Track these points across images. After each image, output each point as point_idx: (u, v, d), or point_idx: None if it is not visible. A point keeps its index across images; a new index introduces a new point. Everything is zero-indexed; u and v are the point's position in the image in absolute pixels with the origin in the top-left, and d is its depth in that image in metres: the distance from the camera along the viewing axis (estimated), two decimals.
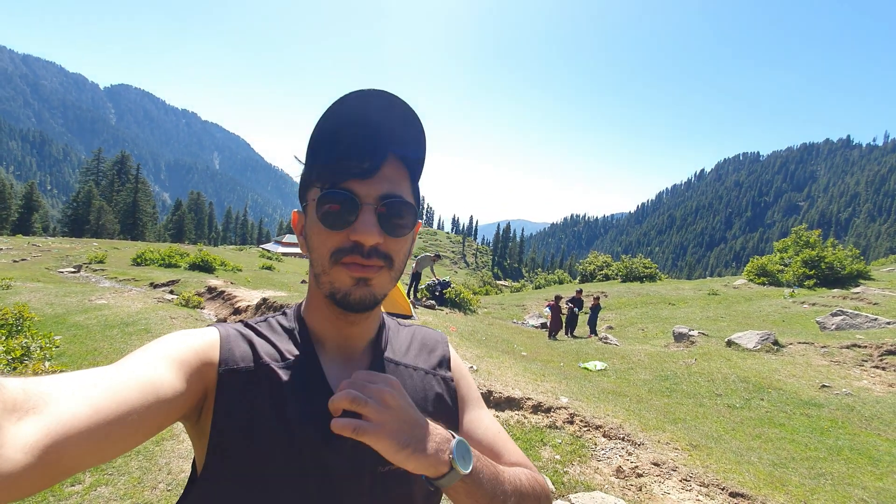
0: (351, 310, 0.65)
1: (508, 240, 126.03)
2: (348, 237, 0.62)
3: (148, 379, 0.50)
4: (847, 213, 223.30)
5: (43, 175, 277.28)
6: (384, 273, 0.65)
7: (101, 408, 0.43)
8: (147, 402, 0.48)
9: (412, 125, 0.65)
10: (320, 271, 0.65)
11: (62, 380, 0.45)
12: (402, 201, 0.65)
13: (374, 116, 0.62)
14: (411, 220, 0.67)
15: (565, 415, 4.90)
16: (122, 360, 0.54)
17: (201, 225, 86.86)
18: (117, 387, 0.47)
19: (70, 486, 2.93)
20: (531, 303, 21.86)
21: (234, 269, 19.50)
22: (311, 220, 0.66)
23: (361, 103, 0.61)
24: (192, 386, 0.57)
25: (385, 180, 0.64)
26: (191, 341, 0.61)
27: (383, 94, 0.62)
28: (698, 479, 3.72)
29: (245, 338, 0.67)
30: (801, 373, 7.10)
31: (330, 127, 0.62)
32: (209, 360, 0.61)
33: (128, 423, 0.45)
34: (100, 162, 68.27)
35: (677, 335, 10.79)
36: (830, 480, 4.02)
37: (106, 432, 0.43)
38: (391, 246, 0.65)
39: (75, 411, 0.42)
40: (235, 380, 0.61)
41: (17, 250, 21.56)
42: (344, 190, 0.62)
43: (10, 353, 3.93)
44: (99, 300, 9.00)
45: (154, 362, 0.54)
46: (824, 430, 5.18)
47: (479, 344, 8.29)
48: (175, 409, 0.53)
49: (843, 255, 22.01)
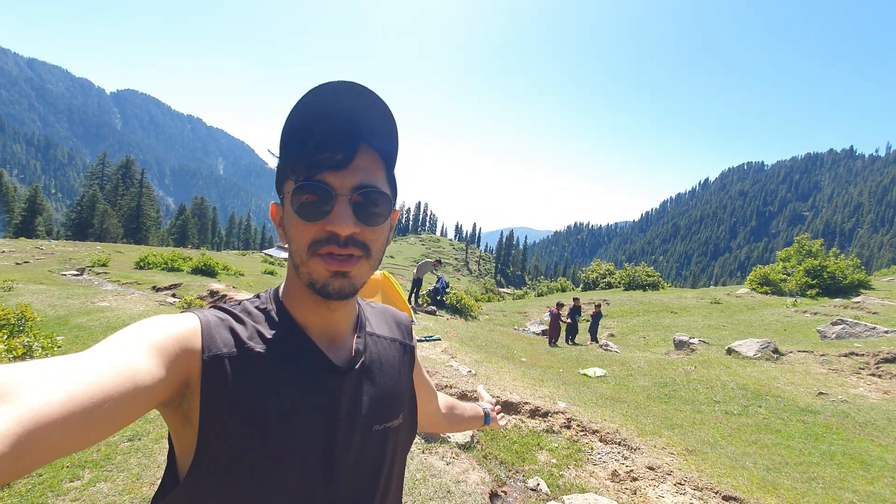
0: (330, 298, 0.66)
1: (511, 247, 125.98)
2: (324, 228, 0.63)
3: (125, 365, 0.49)
4: (851, 223, 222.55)
5: (47, 179, 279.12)
6: (362, 263, 0.67)
7: (75, 395, 0.43)
8: (124, 390, 0.47)
9: (383, 116, 0.66)
10: (299, 262, 0.66)
11: (36, 367, 0.44)
12: (376, 191, 0.66)
13: (345, 108, 0.64)
14: (386, 209, 0.68)
15: (562, 419, 4.92)
16: (99, 345, 0.53)
17: (205, 229, 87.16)
18: (93, 374, 0.46)
19: (69, 482, 2.96)
20: (533, 310, 21.84)
21: (236, 273, 19.60)
22: (287, 212, 0.67)
23: (332, 95, 0.62)
24: (173, 373, 0.56)
25: (359, 171, 0.65)
26: (170, 327, 0.60)
27: (354, 85, 0.62)
28: (692, 483, 3.73)
29: (225, 323, 0.67)
30: (799, 380, 7.10)
31: (302, 119, 0.63)
32: (191, 346, 0.60)
33: (104, 411, 0.45)
34: (104, 166, 68.72)
35: (678, 343, 10.78)
36: (822, 484, 4.04)
37: (80, 420, 0.42)
38: (367, 235, 0.66)
39: (48, 399, 0.41)
40: (221, 366, 0.61)
41: (20, 253, 21.70)
42: (318, 182, 0.63)
43: (12, 352, 3.97)
44: (101, 303, 9.07)
45: (132, 348, 0.53)
46: (819, 435, 5.19)
47: (478, 349, 8.32)
48: (153, 396, 0.53)
49: (845, 265, 21.95)
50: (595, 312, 13.49)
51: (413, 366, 0.91)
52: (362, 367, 0.76)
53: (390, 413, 0.78)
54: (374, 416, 0.75)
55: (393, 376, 0.82)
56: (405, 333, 0.92)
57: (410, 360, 0.90)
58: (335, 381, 0.70)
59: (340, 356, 0.74)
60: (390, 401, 0.79)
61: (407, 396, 0.85)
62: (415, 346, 0.94)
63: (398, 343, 0.88)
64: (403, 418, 0.82)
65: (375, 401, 0.76)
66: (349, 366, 0.73)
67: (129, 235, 59.54)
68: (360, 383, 0.74)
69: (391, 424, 0.78)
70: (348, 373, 0.72)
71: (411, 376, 0.89)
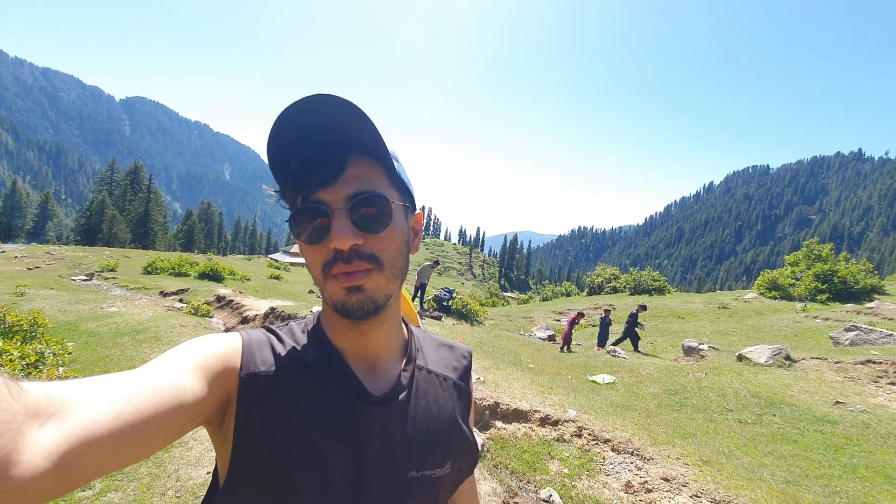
0: (353, 317, 0.63)
1: (515, 251, 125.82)
2: (329, 247, 0.61)
3: (170, 384, 0.50)
4: (860, 227, 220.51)
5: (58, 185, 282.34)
6: (374, 275, 0.63)
7: (122, 413, 0.44)
8: (169, 408, 0.48)
9: (360, 121, 0.61)
10: (320, 287, 0.65)
11: (85, 385, 0.45)
12: (371, 195, 0.62)
13: (321, 121, 0.60)
14: (387, 212, 0.64)
15: (573, 428, 4.85)
16: (146, 364, 0.54)
17: (211, 235, 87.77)
18: (140, 392, 0.47)
19: (80, 492, 2.95)
20: (539, 315, 21.74)
21: (242, 278, 19.64)
22: (298, 240, 0.65)
23: (305, 112, 0.59)
24: (215, 391, 0.57)
25: (351, 180, 0.62)
26: (214, 346, 0.61)
27: (323, 96, 0.59)
28: (709, 496, 3.66)
29: (268, 342, 0.67)
30: (814, 388, 6.98)
31: (278, 147, 0.61)
32: (231, 365, 0.61)
33: (149, 429, 0.46)
34: (113, 172, 69.45)
35: (687, 349, 10.67)
36: (846, 499, 3.93)
37: (127, 438, 0.43)
38: (374, 244, 0.63)
39: (97, 417, 0.42)
40: (257, 384, 0.61)
41: (32, 258, 21.91)
42: (311, 203, 0.61)
43: (25, 359, 3.98)
44: (110, 308, 9.11)
45: (177, 367, 0.54)
46: (839, 447, 5.07)
47: (485, 355, 8.26)
48: (197, 414, 0.54)
49: (857, 270, 21.71)
50: (604, 318, 13.44)
51: (469, 412, 0.83)
52: (403, 401, 0.70)
53: (433, 460, 0.71)
54: (412, 459, 0.68)
55: (442, 418, 0.74)
56: (462, 375, 0.84)
57: (466, 405, 0.82)
58: (367, 411, 0.66)
59: (379, 385, 0.70)
60: (435, 445, 0.71)
61: (460, 443, 0.76)
62: (471, 392, 0.85)
63: (452, 382, 0.80)
64: (452, 469, 0.74)
65: (415, 442, 0.69)
66: (387, 397, 0.69)
67: (136, 240, 60.03)
68: (398, 419, 0.69)
69: (433, 473, 0.70)
70: (384, 404, 0.68)
71: (467, 423, 0.81)
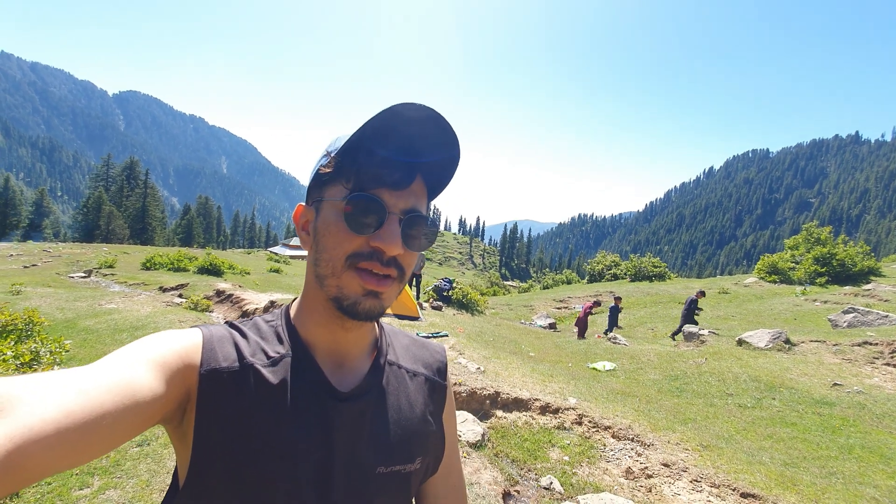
0: (357, 318, 0.63)
1: (516, 240, 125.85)
2: (368, 243, 0.61)
3: (125, 381, 0.49)
4: (857, 209, 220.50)
5: (53, 181, 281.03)
6: (394, 286, 0.65)
7: (71, 411, 0.42)
8: (123, 406, 0.47)
9: (451, 156, 0.66)
10: (329, 273, 0.63)
11: (32, 381, 0.43)
12: (422, 217, 0.65)
13: (421, 133, 0.63)
14: (429, 239, 0.67)
15: (574, 416, 4.86)
16: (101, 360, 0.52)
17: (210, 229, 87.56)
18: (91, 389, 0.45)
19: (78, 490, 2.94)
20: (539, 303, 21.78)
21: (242, 272, 19.62)
22: (326, 219, 0.64)
23: (415, 117, 0.61)
24: (173, 388, 0.55)
25: (412, 195, 0.64)
26: (172, 342, 0.59)
27: (438, 116, 0.62)
28: (709, 480, 3.67)
29: (230, 338, 0.65)
30: (813, 371, 7.00)
31: (378, 131, 0.61)
32: (191, 361, 0.59)
33: (101, 427, 0.44)
34: (109, 168, 69.02)
35: (687, 334, 10.69)
36: (842, 479, 3.95)
37: (77, 436, 0.42)
38: (406, 259, 0.65)
39: (44, 415, 0.40)
40: (218, 380, 0.60)
41: (28, 256, 21.85)
42: (375, 196, 0.61)
43: (19, 358, 3.95)
44: (108, 304, 9.09)
45: (132, 363, 0.52)
46: (836, 428, 5.09)
47: (486, 345, 8.27)
48: (153, 412, 0.52)
49: (855, 252, 21.74)
50: (615, 306, 13.39)
51: (444, 407, 0.82)
52: (371, 397, 0.70)
53: (403, 455, 0.70)
54: (381, 455, 0.68)
55: (412, 414, 0.74)
56: (437, 371, 0.83)
57: (440, 400, 0.81)
58: (333, 408, 0.65)
59: (346, 381, 0.69)
60: (404, 441, 0.71)
61: (431, 440, 0.76)
62: (448, 387, 0.84)
63: (423, 377, 0.80)
64: (422, 464, 0.74)
65: (384, 438, 0.69)
66: (355, 393, 0.68)
67: (135, 236, 59.89)
68: (367, 415, 0.68)
69: (403, 468, 0.70)
70: (351, 400, 0.67)
71: (441, 419, 0.81)
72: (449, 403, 0.84)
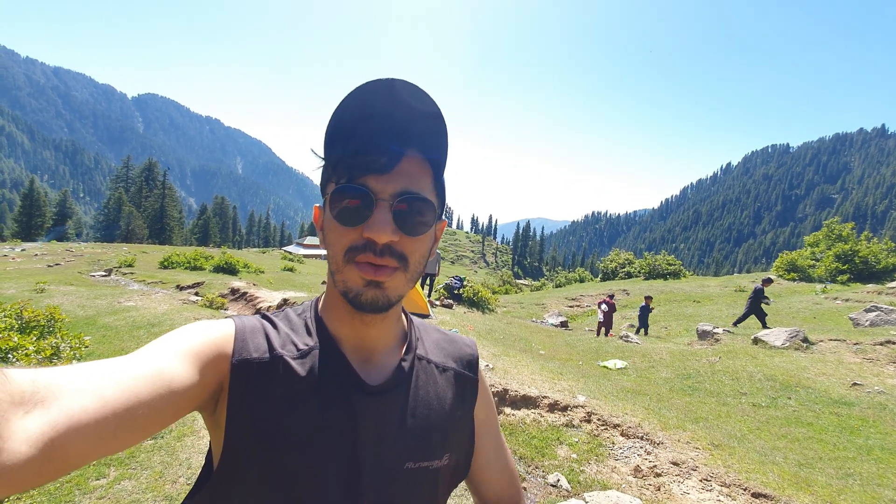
0: (363, 310, 0.63)
1: (528, 238, 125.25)
2: (362, 234, 0.60)
3: (160, 370, 0.50)
4: (883, 205, 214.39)
5: (75, 183, 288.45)
6: (398, 275, 0.62)
7: (109, 400, 0.43)
8: (158, 394, 0.48)
9: (434, 120, 0.62)
10: (335, 269, 0.63)
11: (71, 372, 0.44)
12: (419, 198, 0.62)
13: (394, 108, 0.60)
14: (429, 219, 0.64)
15: (582, 413, 4.84)
16: (136, 351, 0.53)
17: (225, 228, 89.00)
18: (128, 379, 0.47)
19: (95, 480, 3.03)
20: (551, 301, 21.66)
21: (256, 271, 19.90)
22: (327, 216, 0.64)
23: (382, 94, 0.59)
24: (206, 377, 0.57)
25: (403, 176, 0.61)
26: (206, 332, 0.60)
27: (406, 84, 0.59)
28: (719, 479, 3.62)
29: (261, 329, 0.66)
30: (831, 371, 6.85)
31: (348, 118, 0.60)
32: (223, 351, 0.60)
33: (137, 416, 0.45)
34: (129, 169, 70.55)
35: (701, 333, 10.54)
36: (859, 481, 3.86)
37: (114, 425, 0.43)
38: (407, 245, 0.62)
39: (83, 404, 0.42)
40: (249, 371, 0.61)
41: (52, 255, 22.44)
42: (359, 185, 0.60)
43: (41, 353, 4.09)
44: (127, 302, 9.31)
45: (167, 353, 0.53)
46: (854, 429, 4.98)
47: (496, 343, 8.26)
48: (187, 400, 0.53)
49: (878, 249, 21.18)
50: (645, 305, 12.94)
51: (476, 401, 0.81)
52: (400, 392, 0.69)
53: (431, 451, 0.69)
54: (409, 450, 0.67)
55: (441, 409, 0.73)
56: (467, 364, 0.82)
57: (471, 394, 0.80)
58: (362, 402, 0.65)
59: (375, 376, 0.68)
60: (433, 437, 0.70)
61: (459, 435, 0.76)
62: (479, 380, 0.82)
63: (453, 372, 0.79)
64: (450, 460, 0.73)
65: (412, 433, 0.68)
66: (383, 387, 0.67)
67: (153, 236, 61.12)
68: (395, 410, 0.68)
69: (430, 464, 0.69)
70: (379, 395, 0.67)
71: (471, 414, 0.79)
72: (482, 396, 0.82)
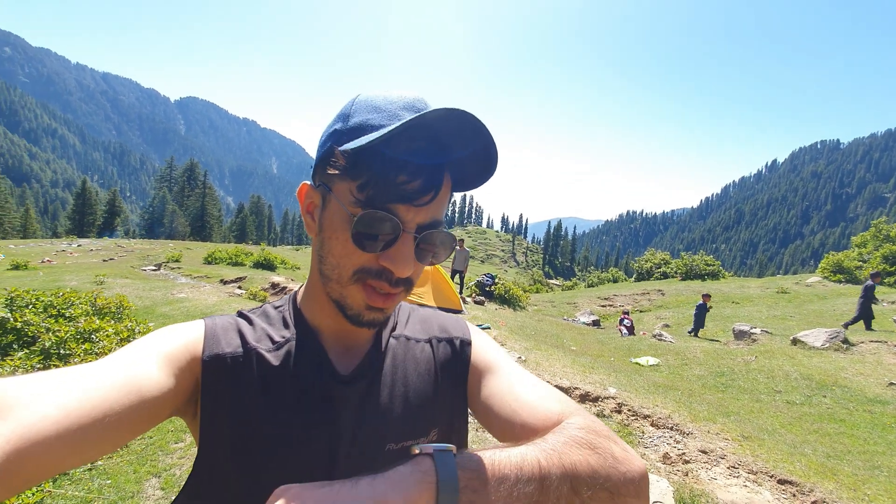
0: (360, 326, 0.61)
1: (560, 238, 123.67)
2: (377, 260, 0.57)
3: (130, 377, 0.48)
4: None
5: (123, 182, 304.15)
6: (401, 296, 0.61)
7: (72, 410, 0.42)
8: (128, 401, 0.46)
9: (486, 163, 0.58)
10: (334, 279, 0.59)
11: (33, 381, 0.43)
12: (441, 231, 0.59)
13: (456, 143, 0.55)
14: (447, 248, 0.62)
15: (613, 404, 4.99)
16: (107, 357, 0.52)
17: (262, 226, 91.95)
18: (94, 387, 0.45)
19: (174, 444, 3.43)
20: (583, 301, 21.51)
21: (293, 267, 20.70)
22: (333, 221, 0.58)
23: (448, 125, 0.53)
24: (181, 381, 0.55)
25: (435, 205, 0.57)
26: (177, 335, 0.59)
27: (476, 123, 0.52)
28: (747, 467, 3.74)
29: (234, 326, 0.65)
30: (869, 371, 6.72)
31: (405, 136, 0.52)
32: (194, 351, 0.59)
33: (105, 425, 0.44)
34: (172, 170, 74.08)
35: (738, 333, 10.40)
36: (886, 473, 3.91)
37: (80, 436, 0.41)
38: (417, 271, 0.60)
39: (44, 415, 0.40)
40: (221, 367, 0.60)
41: (105, 251, 23.97)
42: (390, 214, 0.54)
43: (119, 335, 4.58)
44: (179, 294, 9.97)
45: (139, 359, 0.52)
46: (886, 425, 4.96)
47: (527, 338, 8.45)
48: (161, 406, 0.51)
49: None
50: (703, 304, 12.52)
51: (468, 365, 0.72)
52: (377, 374, 0.67)
53: (414, 429, 0.66)
54: (390, 432, 0.64)
55: (423, 385, 0.69)
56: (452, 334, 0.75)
57: (461, 362, 0.72)
58: (337, 391, 0.63)
59: (352, 363, 0.66)
60: (416, 414, 0.67)
61: (445, 408, 0.70)
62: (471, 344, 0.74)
63: (435, 340, 0.73)
64: (438, 435, 0.69)
65: (392, 414, 0.65)
66: (358, 373, 0.65)
67: (195, 233, 63.87)
68: (372, 393, 0.65)
69: (415, 442, 0.65)
70: (355, 381, 0.64)
71: (464, 378, 0.71)
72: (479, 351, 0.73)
